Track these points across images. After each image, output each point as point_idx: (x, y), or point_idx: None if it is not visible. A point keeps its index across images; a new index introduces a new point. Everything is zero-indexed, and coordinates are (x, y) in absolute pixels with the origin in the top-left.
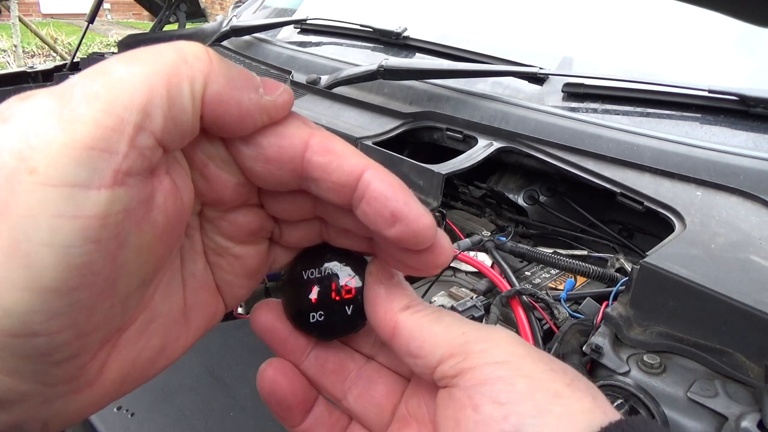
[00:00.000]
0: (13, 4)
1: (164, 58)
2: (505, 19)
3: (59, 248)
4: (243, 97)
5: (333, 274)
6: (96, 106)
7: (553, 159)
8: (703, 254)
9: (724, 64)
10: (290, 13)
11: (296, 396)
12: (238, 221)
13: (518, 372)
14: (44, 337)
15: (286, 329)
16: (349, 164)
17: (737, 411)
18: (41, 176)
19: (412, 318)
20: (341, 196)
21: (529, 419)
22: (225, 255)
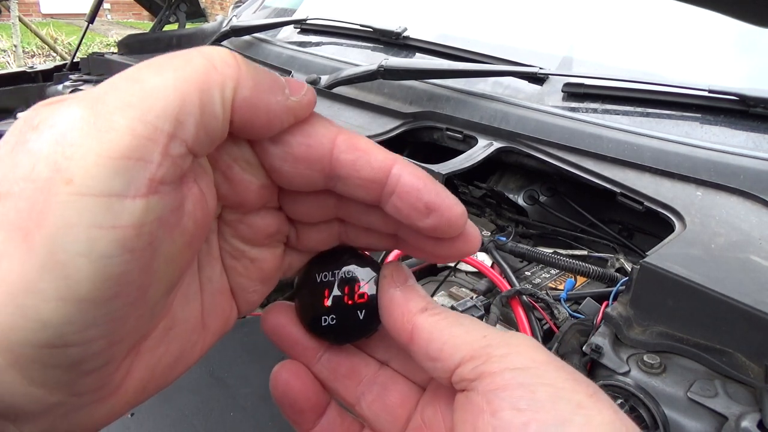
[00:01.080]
0: (13, 4)
1: (194, 65)
2: (505, 19)
3: (96, 259)
4: (271, 99)
5: (347, 278)
6: (131, 115)
7: (553, 159)
8: (703, 254)
9: (724, 64)
10: (290, 13)
11: (309, 399)
12: (257, 224)
13: (540, 380)
14: (78, 348)
15: (298, 332)
16: (377, 160)
17: (737, 411)
18: (78, 186)
19: (431, 320)
20: (370, 192)
21: (551, 428)
22: (241, 258)
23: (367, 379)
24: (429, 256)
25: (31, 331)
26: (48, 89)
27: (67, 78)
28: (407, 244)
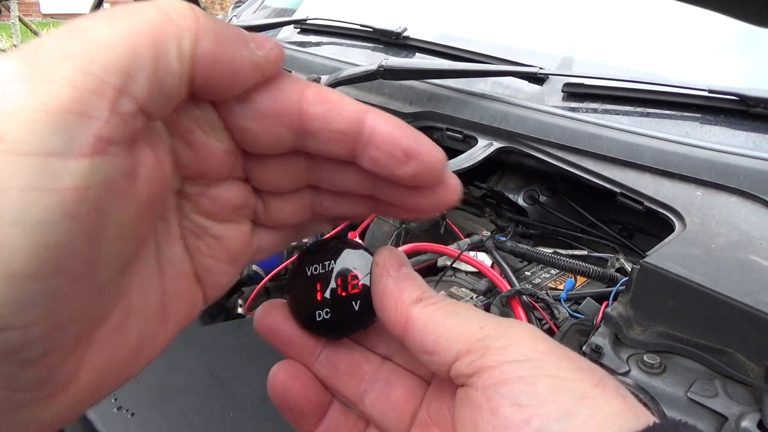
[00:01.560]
0: (13, 5)
1: (146, 15)
2: (505, 19)
3: (32, 226)
4: (235, 54)
5: (339, 269)
6: (72, 66)
7: (553, 159)
8: (703, 254)
9: (724, 64)
10: (290, 13)
11: (309, 400)
12: (221, 196)
13: (541, 371)
14: (15, 331)
15: (293, 330)
16: (349, 111)
17: (737, 411)
18: (11, 144)
19: (426, 311)
20: (344, 146)
21: (554, 423)
22: (204, 236)
23: (369, 376)
24: (410, 210)
25: None
26: None
27: None
28: (385, 204)
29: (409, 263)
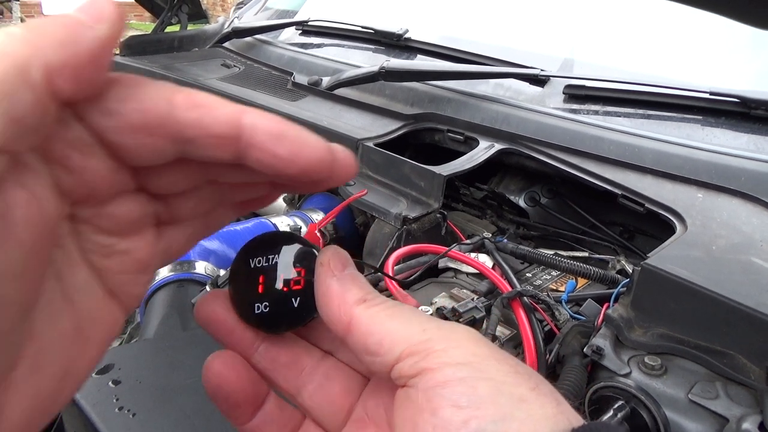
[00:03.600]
0: (15, 6)
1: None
2: (506, 21)
3: None
4: (84, 44)
5: (281, 264)
6: None
7: (554, 161)
8: (704, 256)
9: (725, 66)
10: (292, 14)
11: (245, 391)
12: (117, 213)
13: (481, 374)
14: None
15: (232, 320)
16: (224, 113)
17: (738, 413)
18: None
19: (369, 312)
20: (224, 150)
21: (491, 424)
22: (112, 255)
23: (309, 369)
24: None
25: None
26: None
27: None
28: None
29: (353, 264)
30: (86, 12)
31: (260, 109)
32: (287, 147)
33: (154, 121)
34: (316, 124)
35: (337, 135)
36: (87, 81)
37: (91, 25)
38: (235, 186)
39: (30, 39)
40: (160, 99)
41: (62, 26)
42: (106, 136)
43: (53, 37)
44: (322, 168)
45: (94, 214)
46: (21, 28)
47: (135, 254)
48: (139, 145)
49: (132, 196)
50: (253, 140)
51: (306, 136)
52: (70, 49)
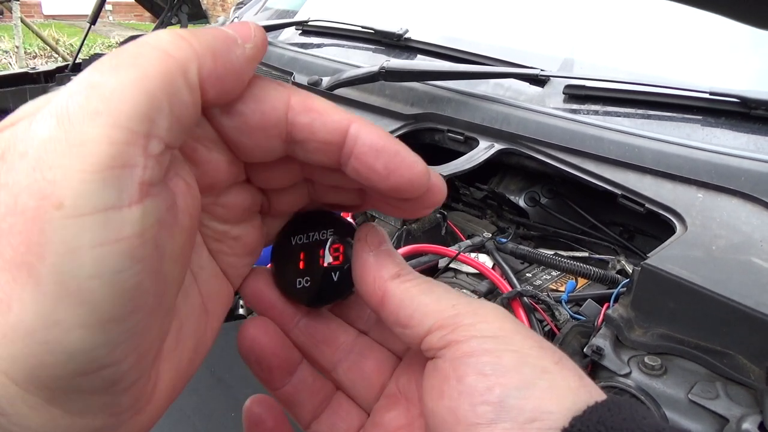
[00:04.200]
0: (15, 6)
1: (148, 58)
2: (506, 21)
3: (109, 276)
4: (232, 59)
5: (321, 240)
6: (101, 122)
7: (554, 161)
8: (704, 256)
9: (725, 66)
10: (292, 14)
11: (277, 355)
12: (231, 202)
13: (506, 346)
14: (111, 368)
15: (274, 296)
16: (333, 120)
17: (738, 413)
18: (70, 209)
19: (402, 287)
20: (328, 156)
21: (514, 390)
22: (225, 239)
23: (344, 346)
24: (395, 211)
25: (60, 364)
26: (50, 90)
27: (69, 79)
28: (374, 200)
29: (389, 241)
30: (239, 31)
31: (368, 122)
32: (384, 161)
33: (271, 123)
34: None
35: None
36: (229, 90)
37: (241, 43)
38: (329, 188)
39: (192, 44)
40: (278, 101)
41: (219, 39)
42: (228, 134)
43: (210, 46)
44: (414, 189)
45: (212, 202)
46: (185, 32)
47: (244, 239)
48: (255, 143)
49: (244, 187)
50: (353, 150)
51: (405, 154)
52: (221, 61)
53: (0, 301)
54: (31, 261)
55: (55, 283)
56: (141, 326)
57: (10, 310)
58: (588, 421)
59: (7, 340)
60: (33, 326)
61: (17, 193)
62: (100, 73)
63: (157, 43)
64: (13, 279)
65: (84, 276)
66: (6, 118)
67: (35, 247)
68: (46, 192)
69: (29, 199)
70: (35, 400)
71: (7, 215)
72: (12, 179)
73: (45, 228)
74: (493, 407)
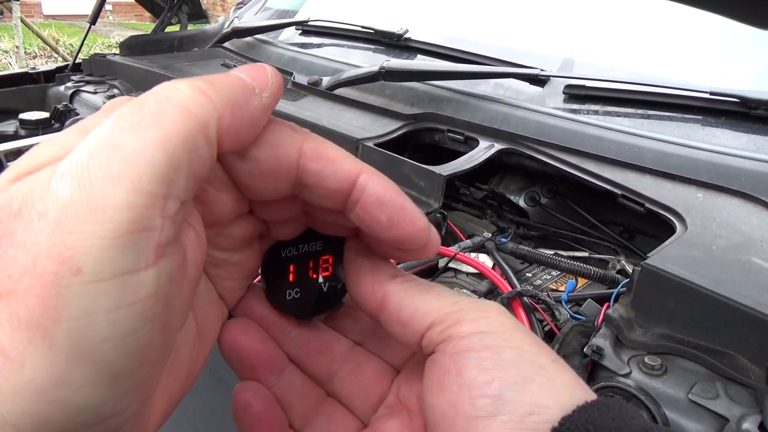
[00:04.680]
0: (15, 5)
1: (170, 116)
2: (506, 21)
3: (121, 338)
4: (249, 109)
5: (310, 252)
6: (123, 187)
7: (554, 160)
8: (704, 256)
9: (725, 66)
10: (292, 14)
11: (259, 355)
12: (234, 233)
13: (506, 343)
14: (115, 418)
15: (265, 308)
16: (343, 169)
17: (738, 413)
18: (88, 275)
19: (403, 286)
20: (335, 202)
21: (513, 385)
22: (224, 265)
23: (340, 357)
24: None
25: (68, 419)
26: (50, 90)
27: (68, 79)
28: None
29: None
30: (256, 78)
31: (377, 172)
32: (389, 214)
33: (283, 168)
34: (316, 124)
35: (337, 135)
36: (244, 139)
37: (259, 92)
38: (326, 223)
39: (212, 99)
40: (291, 148)
41: (237, 90)
42: (239, 176)
43: (229, 98)
44: (413, 243)
45: (216, 234)
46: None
47: (243, 264)
48: (264, 185)
49: (246, 219)
50: (360, 199)
51: (410, 209)
52: (239, 113)
53: (13, 360)
54: (46, 324)
55: (68, 345)
56: (146, 378)
57: (23, 369)
58: (577, 420)
59: (19, 398)
60: (44, 385)
61: (36, 255)
62: (120, 131)
63: (179, 99)
64: (27, 340)
65: (98, 339)
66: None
67: (51, 311)
68: (65, 257)
69: (48, 263)
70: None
71: (25, 276)
72: (30, 240)
73: (62, 293)
74: (492, 400)
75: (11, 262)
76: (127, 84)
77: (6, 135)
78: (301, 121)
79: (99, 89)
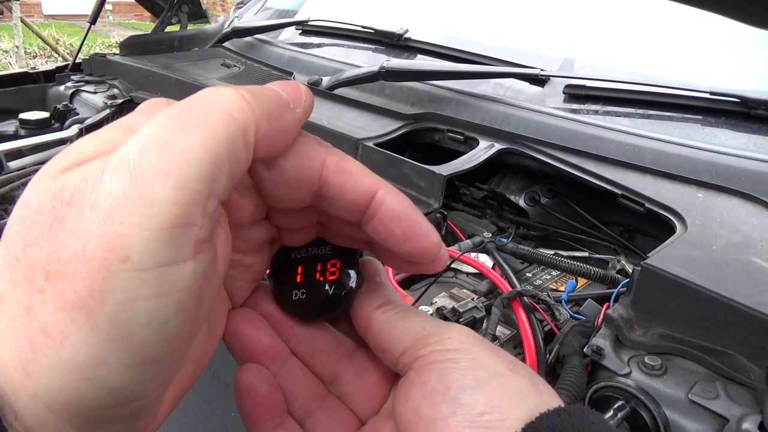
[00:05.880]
0: (15, 5)
1: (215, 120)
2: (506, 21)
3: (158, 325)
4: (285, 122)
5: (319, 255)
6: (171, 183)
7: (554, 160)
8: (704, 256)
9: (725, 66)
10: (292, 14)
11: (260, 341)
12: (250, 237)
13: (465, 355)
14: (140, 401)
15: (271, 308)
16: (363, 184)
17: (738, 413)
18: (134, 263)
19: (383, 316)
20: (353, 214)
21: (468, 389)
22: (237, 266)
23: (345, 358)
24: (395, 266)
25: (100, 398)
26: (50, 90)
27: (69, 79)
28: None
29: (384, 273)
30: (291, 94)
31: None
32: (404, 228)
33: (306, 178)
34: (316, 124)
35: (337, 135)
36: (276, 149)
37: (293, 107)
38: (339, 234)
39: (253, 107)
40: (315, 159)
41: (274, 102)
42: (263, 184)
43: (267, 110)
44: (425, 257)
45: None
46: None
47: (253, 267)
48: (286, 194)
49: (262, 224)
50: (377, 213)
51: (424, 224)
52: (275, 124)
53: (54, 338)
54: (91, 305)
55: (109, 327)
56: (173, 364)
57: (63, 347)
58: (538, 426)
59: (56, 374)
60: (81, 364)
61: (86, 241)
62: (170, 131)
63: (223, 104)
64: (71, 320)
65: (137, 324)
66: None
67: (97, 294)
68: (114, 245)
69: (98, 249)
70: (66, 428)
71: (74, 260)
72: (81, 227)
73: (109, 277)
74: (449, 404)
75: (61, 246)
76: (127, 84)
77: (6, 135)
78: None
79: (99, 89)
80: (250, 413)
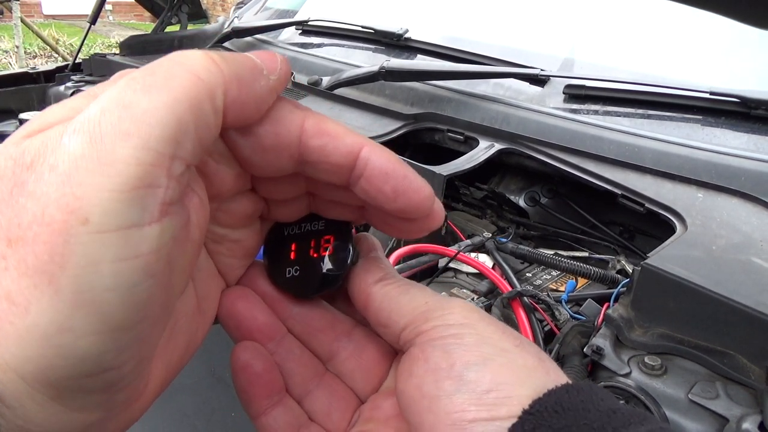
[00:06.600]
0: (15, 5)
1: (180, 80)
2: (506, 21)
3: (124, 290)
4: (256, 88)
5: (312, 231)
6: (132, 144)
7: (554, 160)
8: (704, 256)
9: (725, 66)
10: (292, 14)
11: (255, 318)
12: (234, 209)
13: (469, 330)
14: (114, 371)
15: (266, 286)
16: (345, 144)
17: (738, 413)
18: (96, 225)
19: (383, 290)
20: (338, 176)
21: (473, 366)
22: (224, 242)
23: (343, 336)
24: (392, 231)
25: (70, 367)
26: (50, 90)
27: (68, 79)
28: (374, 217)
29: (380, 249)
30: (266, 61)
31: (379, 145)
32: (393, 184)
33: (284, 144)
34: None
35: None
36: (248, 116)
37: (267, 74)
38: (330, 202)
39: (222, 69)
40: (293, 124)
41: (246, 67)
42: (240, 151)
43: (238, 74)
44: (419, 211)
45: (216, 208)
46: (216, 55)
47: (243, 242)
48: (266, 161)
49: (247, 196)
50: (364, 172)
51: (413, 178)
52: (246, 89)
53: (18, 305)
54: (52, 270)
55: (73, 292)
56: (146, 333)
57: (28, 314)
58: (546, 402)
59: (23, 342)
60: (48, 331)
61: (45, 205)
62: (133, 92)
63: (190, 65)
64: (33, 285)
65: (101, 288)
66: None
67: (58, 258)
68: (73, 207)
69: (57, 212)
70: (41, 397)
71: (34, 224)
72: (40, 190)
73: (69, 240)
74: (454, 381)
75: (21, 210)
76: None
77: (6, 135)
78: None
79: None
80: (247, 391)
